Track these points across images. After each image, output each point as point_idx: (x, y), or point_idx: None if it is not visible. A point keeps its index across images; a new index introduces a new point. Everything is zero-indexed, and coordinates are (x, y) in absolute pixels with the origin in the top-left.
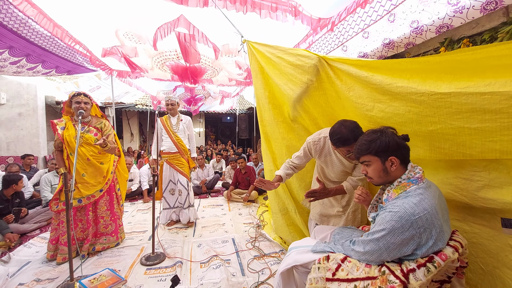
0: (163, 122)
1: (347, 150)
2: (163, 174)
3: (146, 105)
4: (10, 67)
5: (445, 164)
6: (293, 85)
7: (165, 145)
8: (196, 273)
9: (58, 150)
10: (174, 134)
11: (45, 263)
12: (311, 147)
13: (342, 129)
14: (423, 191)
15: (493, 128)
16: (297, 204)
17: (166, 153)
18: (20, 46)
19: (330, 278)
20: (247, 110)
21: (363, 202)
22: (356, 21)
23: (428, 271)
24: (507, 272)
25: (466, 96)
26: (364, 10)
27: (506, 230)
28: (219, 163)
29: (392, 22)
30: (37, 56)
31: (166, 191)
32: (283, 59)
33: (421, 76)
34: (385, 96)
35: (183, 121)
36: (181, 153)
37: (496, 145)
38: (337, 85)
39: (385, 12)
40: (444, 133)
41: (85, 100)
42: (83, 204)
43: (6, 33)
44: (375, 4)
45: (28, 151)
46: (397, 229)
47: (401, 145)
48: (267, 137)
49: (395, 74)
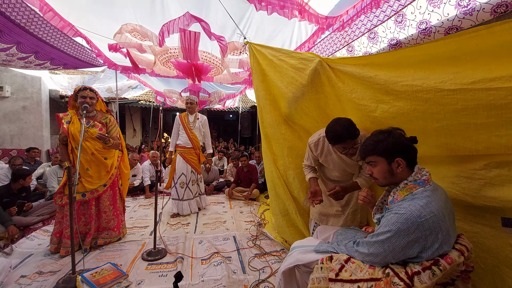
0: (181, 119)
1: (342, 147)
2: (176, 166)
3: (149, 101)
4: (18, 62)
5: (447, 162)
6: (294, 88)
7: (181, 140)
8: (197, 269)
9: (63, 144)
10: (190, 130)
11: (47, 255)
12: (313, 148)
13: (336, 126)
14: (430, 194)
15: (498, 123)
16: (297, 205)
17: (182, 147)
18: (28, 43)
19: (333, 278)
20: (250, 108)
21: (368, 204)
22: (363, 21)
23: (433, 274)
24: (507, 271)
25: (472, 92)
26: (371, 11)
27: (507, 229)
28: (221, 161)
29: (399, 23)
30: (46, 53)
31: (178, 183)
32: (284, 61)
33: (425, 71)
34: (389, 96)
35: (199, 120)
36: (194, 148)
37: (502, 139)
38: (339, 87)
39: (393, 13)
40: (450, 129)
41: (90, 95)
42: (86, 198)
43: (13, 28)
44: (383, 4)
45: (31, 144)
46: (402, 231)
47: (408, 147)
48: (267, 138)
49: (399, 70)
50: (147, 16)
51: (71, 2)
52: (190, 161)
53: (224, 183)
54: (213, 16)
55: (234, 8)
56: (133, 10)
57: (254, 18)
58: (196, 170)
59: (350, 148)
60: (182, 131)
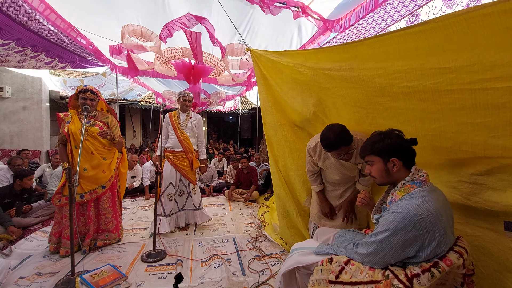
0: (170, 118)
1: (337, 154)
2: (163, 175)
3: (149, 102)
4: (15, 55)
5: (448, 167)
6: (295, 92)
7: (170, 143)
8: (197, 271)
9: (62, 144)
10: (180, 131)
11: (46, 257)
12: (311, 153)
13: (329, 134)
14: (426, 194)
15: (495, 123)
16: (298, 206)
17: (170, 152)
18: (27, 38)
19: (333, 280)
20: (250, 110)
21: (366, 206)
22: (371, 23)
23: (432, 276)
24: (508, 276)
25: (469, 92)
26: (377, 13)
27: (509, 233)
28: (220, 162)
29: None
30: (43, 46)
31: (164, 194)
32: (284, 66)
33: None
34: (384, 98)
35: (192, 119)
36: (186, 152)
37: (499, 140)
38: (333, 93)
39: (400, 17)
40: (446, 130)
41: (91, 97)
42: (85, 199)
43: (14, 26)
44: (386, 6)
45: (31, 145)
46: (400, 230)
47: (405, 147)
48: (269, 140)
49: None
50: (148, 16)
51: (71, 2)
52: (180, 167)
53: (223, 184)
54: (214, 18)
55: (234, 10)
56: (134, 11)
57: (255, 19)
58: (188, 179)
59: (345, 154)
60: (171, 132)
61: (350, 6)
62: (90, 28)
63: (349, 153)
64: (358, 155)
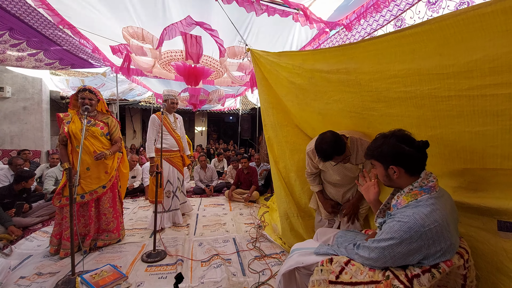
0: (161, 119)
1: (333, 161)
2: (163, 174)
3: (150, 103)
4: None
5: (448, 173)
6: (292, 96)
7: (166, 143)
8: (197, 271)
9: (62, 144)
10: (174, 131)
11: (46, 257)
12: (311, 155)
13: (322, 145)
14: (434, 201)
15: (494, 132)
16: (299, 208)
17: (168, 151)
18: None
19: (334, 281)
20: (250, 110)
21: (365, 191)
22: (363, 25)
23: (432, 277)
24: (501, 278)
25: (467, 98)
26: (371, 15)
27: (502, 233)
28: (220, 163)
29: (399, 28)
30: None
31: (164, 192)
32: (282, 68)
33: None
34: (379, 104)
35: (178, 119)
36: (180, 150)
37: (497, 150)
38: (329, 97)
39: (392, 17)
40: (444, 138)
41: (89, 97)
42: (85, 200)
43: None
44: (382, 9)
45: (31, 145)
46: (405, 240)
47: (406, 155)
48: (270, 141)
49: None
50: (148, 19)
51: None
52: (177, 165)
53: (223, 185)
54: (214, 20)
55: (235, 12)
56: (134, 13)
57: (255, 21)
58: (183, 175)
59: (342, 160)
60: (166, 133)
61: (350, 8)
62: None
63: (345, 159)
64: (358, 156)
